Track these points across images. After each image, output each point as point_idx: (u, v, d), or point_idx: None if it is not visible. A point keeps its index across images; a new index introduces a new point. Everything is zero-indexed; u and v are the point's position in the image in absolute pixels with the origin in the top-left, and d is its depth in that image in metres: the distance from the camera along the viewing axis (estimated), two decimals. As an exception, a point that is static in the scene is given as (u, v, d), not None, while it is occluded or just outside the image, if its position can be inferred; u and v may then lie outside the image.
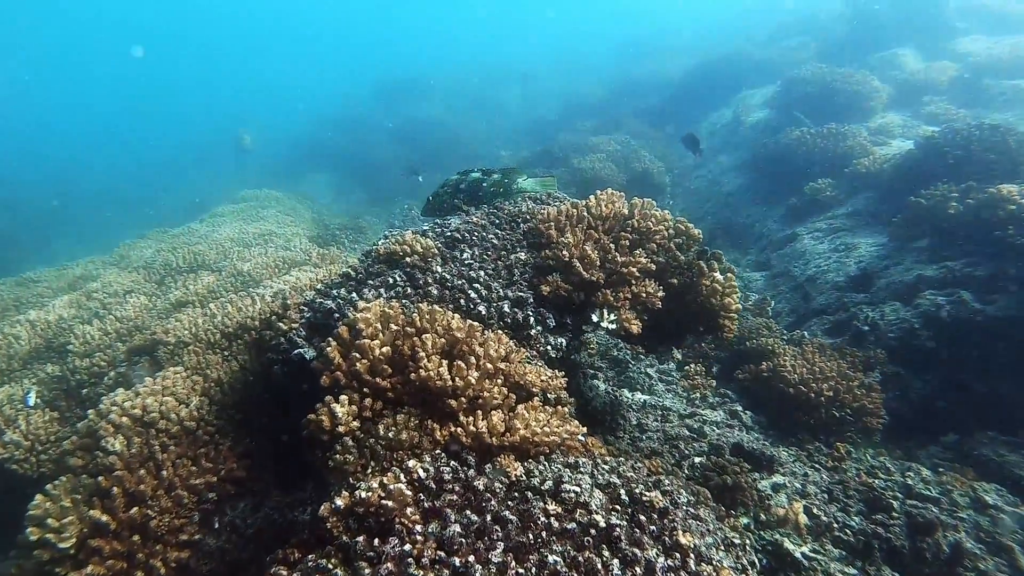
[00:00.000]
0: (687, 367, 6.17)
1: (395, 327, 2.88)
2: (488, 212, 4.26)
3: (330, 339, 2.92)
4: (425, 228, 4.11)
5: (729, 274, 3.89)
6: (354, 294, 3.40)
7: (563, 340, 3.43)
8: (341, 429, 2.58)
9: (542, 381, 2.83)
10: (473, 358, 2.71)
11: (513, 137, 24.80)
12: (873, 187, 8.27)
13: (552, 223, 3.77)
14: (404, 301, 3.32)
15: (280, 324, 3.41)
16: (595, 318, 3.47)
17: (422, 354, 2.71)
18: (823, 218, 8.40)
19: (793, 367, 5.44)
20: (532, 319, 3.36)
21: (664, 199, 14.61)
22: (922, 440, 5.48)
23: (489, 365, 2.69)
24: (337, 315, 3.35)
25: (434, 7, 69.20)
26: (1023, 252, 5.39)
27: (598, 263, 3.46)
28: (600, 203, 3.97)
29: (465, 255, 3.64)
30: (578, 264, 3.47)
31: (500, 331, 3.32)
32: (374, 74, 36.31)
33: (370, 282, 3.48)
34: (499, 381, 2.68)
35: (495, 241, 3.80)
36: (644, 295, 3.54)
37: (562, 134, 19.32)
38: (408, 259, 3.51)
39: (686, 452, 4.51)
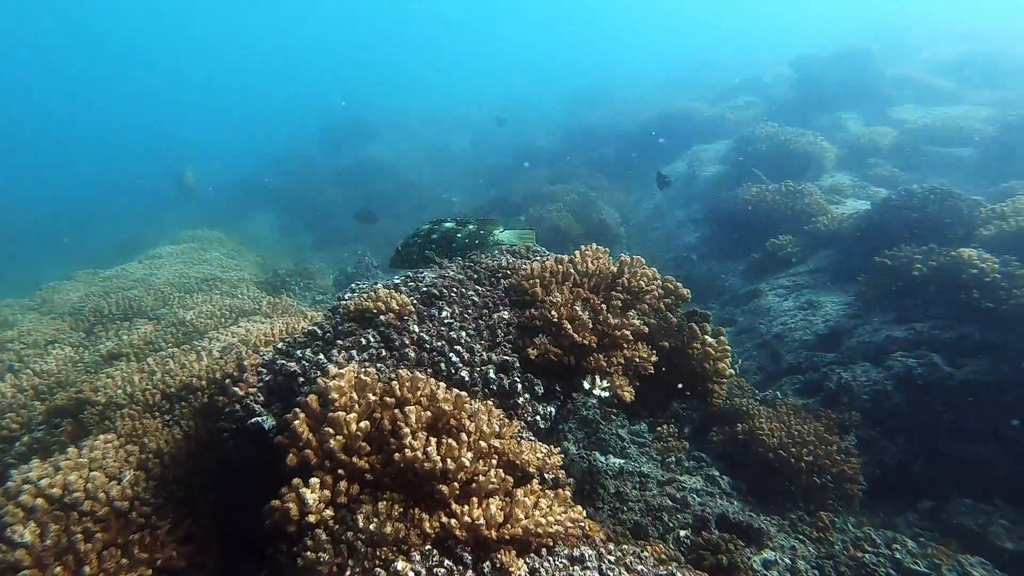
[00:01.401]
0: (659, 428, 6.01)
1: (372, 397, 2.60)
2: (465, 265, 4.05)
3: (296, 410, 2.61)
4: (396, 281, 3.86)
5: (721, 337, 3.79)
6: (322, 356, 3.10)
7: (552, 409, 3.21)
8: (312, 519, 2.26)
9: (539, 460, 2.59)
10: (464, 435, 2.45)
11: (464, 183, 24.96)
12: (832, 245, 8.53)
13: (537, 280, 3.60)
14: (379, 365, 3.04)
15: (235, 388, 3.06)
16: (587, 385, 3.28)
17: (406, 430, 2.43)
18: (785, 274, 8.56)
19: (771, 430, 5.36)
20: (519, 386, 3.14)
21: (621, 250, 14.77)
22: (898, 506, 5.45)
23: (483, 443, 2.44)
24: (302, 379, 3.03)
25: (379, 50, 70.18)
26: (987, 316, 5.55)
27: (590, 325, 3.29)
28: (586, 259, 3.84)
29: (444, 313, 3.40)
30: (568, 326, 3.28)
31: (486, 400, 3.08)
32: (320, 115, 36.23)
33: (339, 342, 3.19)
34: (494, 462, 2.43)
35: (475, 298, 3.59)
36: (638, 359, 3.38)
37: (516, 183, 19.50)
38: (383, 317, 3.25)
39: (670, 524, 4.30)
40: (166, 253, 10.40)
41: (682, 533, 4.19)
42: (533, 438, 2.99)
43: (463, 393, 2.67)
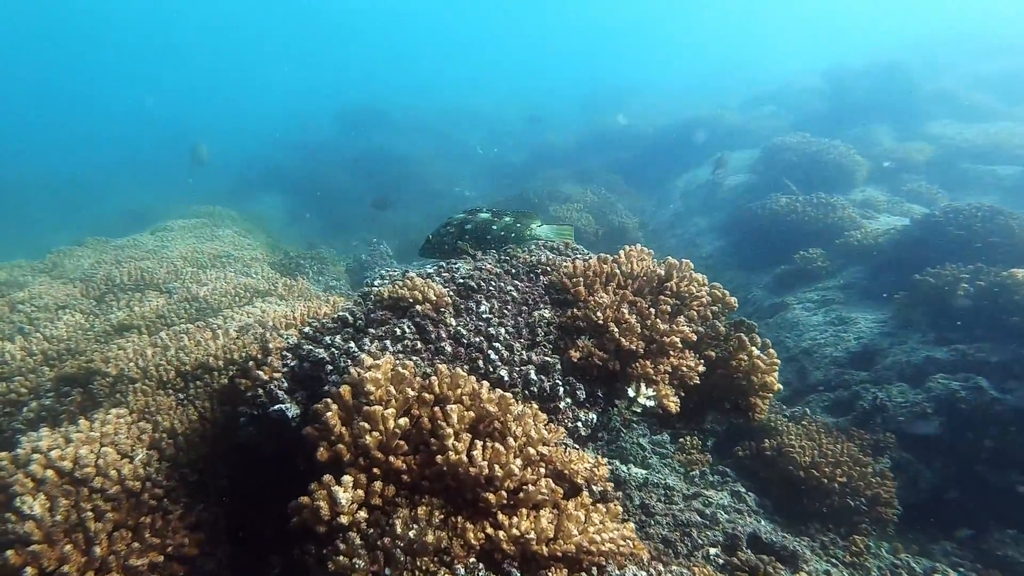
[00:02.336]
0: (682, 439, 5.84)
1: (411, 392, 2.44)
2: (501, 259, 3.89)
3: (328, 400, 2.45)
4: (430, 270, 3.70)
5: (770, 350, 3.61)
6: (353, 344, 2.94)
7: (593, 416, 3.05)
8: (344, 520, 2.10)
9: (587, 470, 2.43)
10: (511, 439, 2.29)
11: (478, 179, 24.82)
12: (865, 261, 8.31)
13: (580, 279, 3.43)
14: (415, 359, 2.88)
15: (258, 372, 2.91)
16: (631, 392, 3.11)
17: (448, 430, 2.27)
18: (814, 288, 8.36)
19: (802, 448, 5.18)
20: (561, 389, 2.97)
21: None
22: (933, 533, 5.27)
23: (531, 449, 2.28)
24: (331, 368, 2.88)
25: (401, 40, 70.04)
26: (1038, 342, 5.35)
27: (638, 329, 3.11)
28: (631, 259, 3.67)
29: (482, 308, 3.24)
30: (614, 329, 3.11)
31: (527, 402, 2.92)
32: (336, 101, 36.14)
33: (371, 331, 3.03)
34: (542, 470, 2.26)
35: (514, 294, 3.42)
36: (684, 368, 3.21)
37: (532, 180, 19.32)
38: (419, 307, 3.09)
39: (699, 541, 4.12)
40: (178, 227, 10.27)
41: (712, 551, 4.02)
42: (576, 446, 2.83)
43: (507, 395, 2.51)
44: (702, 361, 3.32)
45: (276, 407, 2.82)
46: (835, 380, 6.36)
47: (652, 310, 3.25)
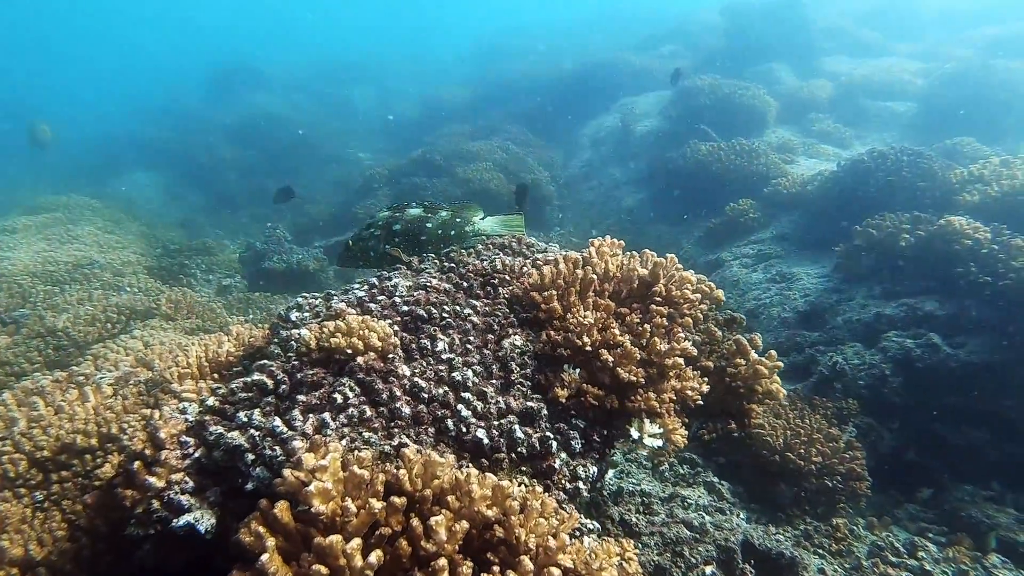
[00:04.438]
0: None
1: (376, 503, 1.79)
2: (445, 268, 3.23)
3: (258, 528, 1.77)
4: (360, 294, 2.98)
5: (771, 352, 3.22)
6: (278, 420, 2.22)
7: (594, 469, 2.52)
8: None
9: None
10: (525, 559, 1.71)
11: (372, 140, 23.50)
12: (796, 209, 8.27)
13: (552, 291, 2.84)
14: (366, 434, 2.21)
15: (149, 479, 2.14)
16: (634, 432, 2.60)
17: (441, 562, 1.66)
18: (748, 242, 8.24)
19: (773, 429, 4.96)
20: (553, 443, 2.41)
21: (553, 212, 14.18)
22: (895, 495, 5.28)
23: (554, 572, 1.71)
24: (252, 458, 2.16)
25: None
26: (984, 291, 5.36)
27: (637, 355, 2.59)
28: (604, 256, 3.11)
29: (439, 345, 2.59)
30: (608, 357, 2.57)
31: (514, 471, 2.34)
32: (201, 61, 32.76)
33: (301, 398, 2.32)
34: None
35: (475, 319, 2.79)
36: (689, 391, 2.73)
37: (432, 138, 18.33)
38: (360, 359, 2.39)
39: (693, 559, 3.78)
40: (21, 227, 8.67)
41: (708, 570, 3.70)
42: (578, 513, 2.29)
43: (503, 483, 1.92)
44: (705, 380, 2.86)
45: (182, 521, 2.09)
46: (787, 343, 6.23)
47: (647, 326, 2.73)
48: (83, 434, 2.88)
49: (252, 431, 2.21)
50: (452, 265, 3.25)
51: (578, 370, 2.66)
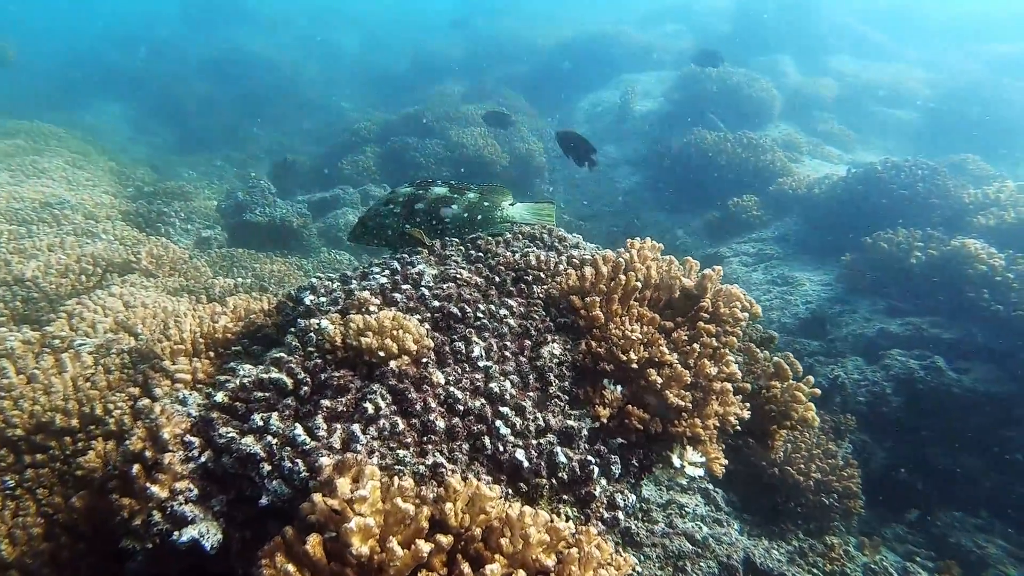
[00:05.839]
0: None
1: (424, 546, 1.59)
2: (473, 257, 2.99)
3: (289, 567, 1.56)
4: (381, 280, 2.73)
5: (808, 377, 3.08)
6: (298, 429, 1.99)
7: (633, 497, 2.36)
8: None
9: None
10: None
11: (357, 90, 22.73)
12: (800, 211, 8.17)
13: (594, 297, 2.64)
14: (400, 452, 1.99)
15: (152, 488, 1.89)
16: (676, 460, 2.45)
17: (498, 622, 1.47)
18: (748, 239, 8.14)
19: (774, 440, 4.89)
20: (595, 468, 2.24)
21: (543, 186, 13.89)
22: (883, 514, 5.30)
23: (623, 637, 1.54)
24: (268, 468, 1.94)
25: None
26: (994, 319, 5.34)
27: (687, 378, 2.41)
28: (646, 261, 2.91)
29: (475, 350, 2.37)
30: (656, 378, 2.39)
31: (554, 497, 2.17)
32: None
33: (325, 403, 2.08)
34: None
35: (511, 321, 2.57)
36: (732, 417, 2.58)
37: (423, 96, 17.74)
38: (393, 363, 2.16)
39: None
40: (-21, 155, 8.07)
41: (710, 588, 3.63)
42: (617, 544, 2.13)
43: (559, 524, 1.73)
44: (747, 405, 2.71)
45: (185, 536, 1.86)
46: (786, 350, 6.15)
47: (696, 346, 2.55)
48: (62, 412, 2.59)
49: (269, 438, 1.98)
50: (480, 255, 3.01)
51: (619, 387, 2.48)
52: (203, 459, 2.00)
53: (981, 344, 5.36)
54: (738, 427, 2.70)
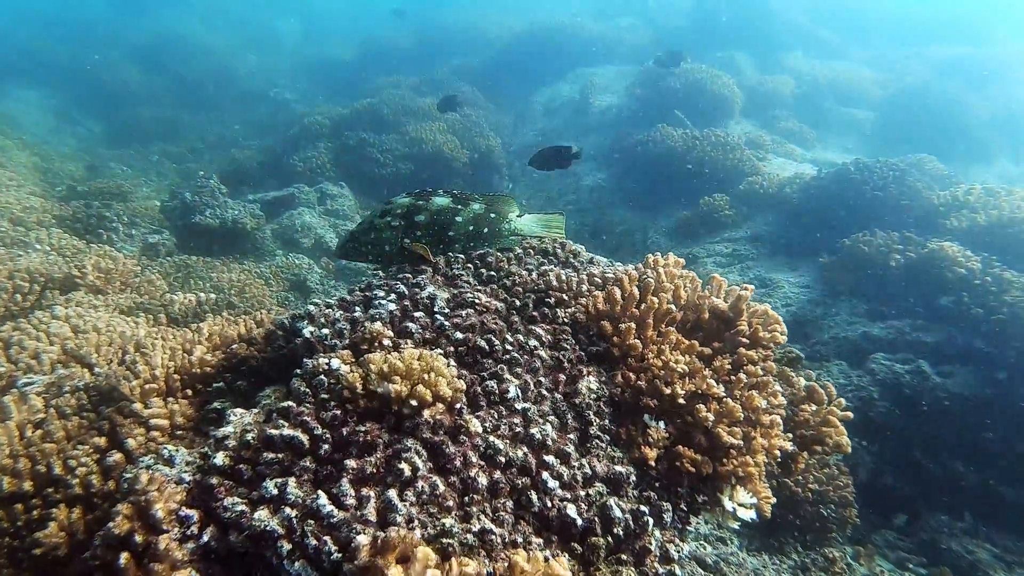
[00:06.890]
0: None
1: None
2: (485, 277, 2.74)
3: None
4: (390, 306, 2.45)
5: (840, 399, 2.95)
6: (322, 498, 1.70)
7: (684, 547, 2.16)
8: None
9: None
10: None
11: (300, 80, 21.92)
12: (772, 211, 8.19)
13: (629, 323, 2.42)
14: (443, 520, 1.72)
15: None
16: (727, 503, 2.26)
17: None
18: (721, 239, 8.11)
19: (769, 451, 4.81)
20: (649, 520, 2.03)
21: (503, 183, 13.65)
22: (872, 520, 5.31)
23: None
24: (287, 548, 1.64)
25: None
26: (974, 322, 5.41)
27: (739, 413, 2.22)
28: (673, 280, 2.72)
29: (510, 390, 2.12)
30: (707, 416, 2.20)
31: (610, 557, 1.94)
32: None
33: (350, 464, 1.79)
34: None
35: (541, 353, 2.33)
36: (776, 452, 2.41)
37: (374, 87, 17.19)
38: (427, 413, 1.89)
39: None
40: None
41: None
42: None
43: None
44: (789, 436, 2.55)
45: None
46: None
47: (741, 375, 2.37)
48: (9, 474, 2.20)
49: (287, 509, 1.68)
50: (492, 274, 2.76)
51: (662, 423, 2.28)
52: (205, 538, 1.69)
53: (960, 345, 5.44)
54: (777, 462, 2.55)
